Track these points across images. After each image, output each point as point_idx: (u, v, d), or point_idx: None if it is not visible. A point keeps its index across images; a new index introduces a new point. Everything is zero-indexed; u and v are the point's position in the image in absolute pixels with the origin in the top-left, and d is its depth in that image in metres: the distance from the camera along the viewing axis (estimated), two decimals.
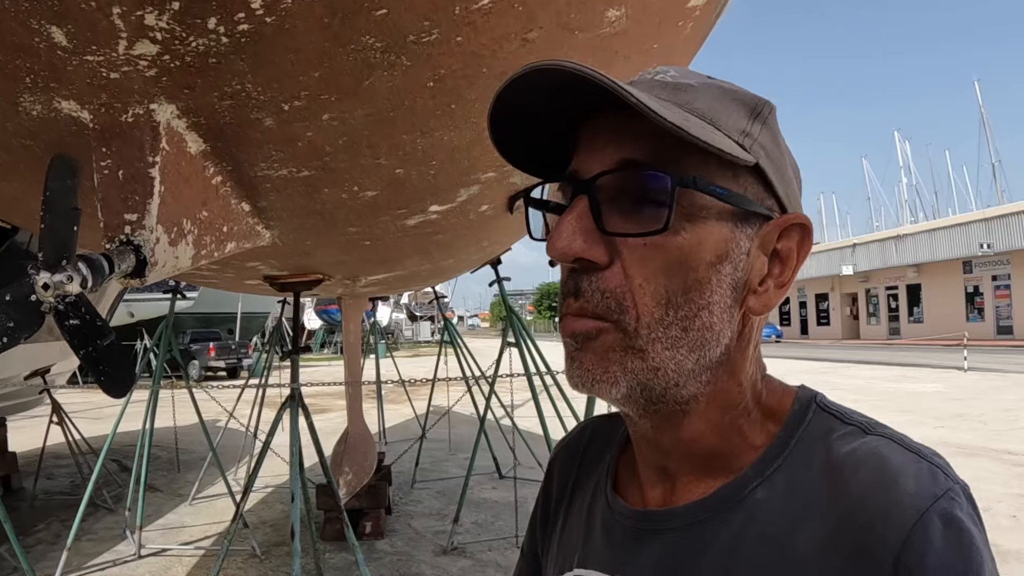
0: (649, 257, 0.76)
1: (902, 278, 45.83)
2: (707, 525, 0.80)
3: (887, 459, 0.73)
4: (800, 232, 0.82)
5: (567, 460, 1.09)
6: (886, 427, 0.79)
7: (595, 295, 0.77)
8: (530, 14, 1.70)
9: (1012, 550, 6.49)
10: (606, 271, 0.77)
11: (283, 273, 4.63)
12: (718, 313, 0.78)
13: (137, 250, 1.79)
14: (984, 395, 16.98)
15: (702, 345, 0.78)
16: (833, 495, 0.73)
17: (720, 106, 0.79)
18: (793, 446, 0.79)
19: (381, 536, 7.66)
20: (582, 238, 0.76)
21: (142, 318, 25.40)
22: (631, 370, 0.77)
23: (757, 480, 0.79)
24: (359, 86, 1.85)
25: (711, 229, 0.77)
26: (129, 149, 1.83)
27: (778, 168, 0.82)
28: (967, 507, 0.70)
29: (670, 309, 0.76)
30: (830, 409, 0.83)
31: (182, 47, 1.61)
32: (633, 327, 0.76)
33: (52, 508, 9.18)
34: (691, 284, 0.76)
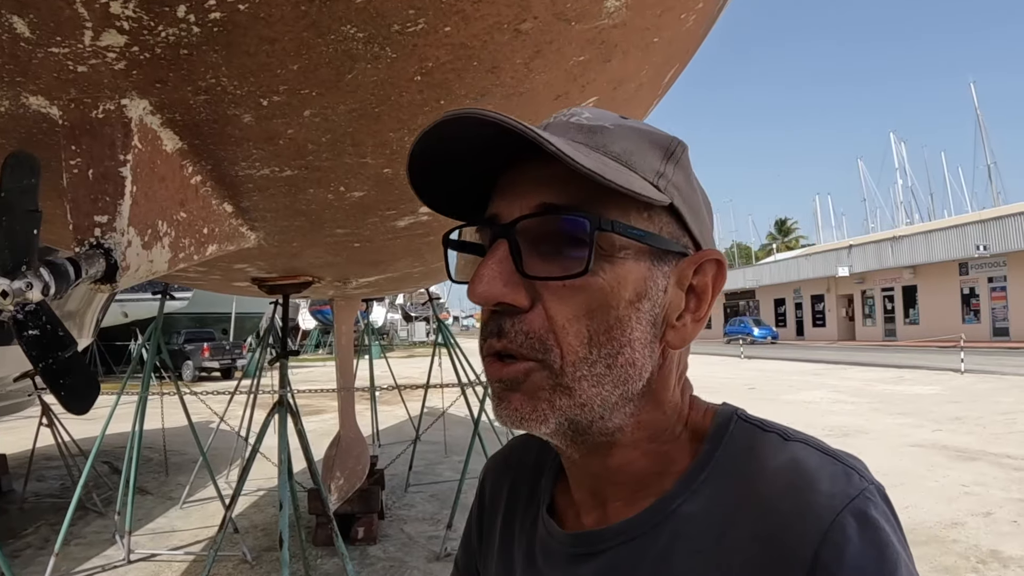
0: (570, 298, 0.78)
1: (898, 279, 45.90)
2: (638, 543, 0.83)
3: (804, 463, 0.76)
4: (714, 267, 0.86)
5: (498, 476, 1.11)
6: (805, 434, 0.82)
7: (518, 336, 0.79)
8: (524, 3, 1.61)
9: (1014, 556, 6.40)
10: (528, 313, 0.79)
11: (271, 275, 4.54)
12: (639, 349, 0.81)
13: (107, 254, 1.69)
14: (981, 397, 16.95)
15: (626, 380, 0.80)
16: (753, 501, 0.76)
17: (635, 148, 0.82)
18: (716, 459, 0.82)
19: (374, 541, 7.58)
20: (502, 282, 0.78)
21: (136, 318, 25.42)
22: (559, 407, 0.79)
23: (683, 495, 0.82)
24: (341, 79, 1.75)
25: (629, 268, 0.80)
26: (99, 147, 1.74)
27: (691, 207, 0.85)
28: (882, 506, 0.73)
29: (593, 347, 0.78)
30: (750, 420, 0.86)
31: (151, 37, 1.52)
32: (559, 365, 0.78)
33: (42, 511, 9.09)
34: (612, 323, 0.79)
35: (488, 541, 1.08)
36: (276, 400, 4.85)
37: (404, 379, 14.11)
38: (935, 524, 7.34)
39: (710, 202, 0.92)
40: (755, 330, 51.52)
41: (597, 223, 0.76)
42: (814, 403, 17.44)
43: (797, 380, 23.03)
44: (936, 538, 6.85)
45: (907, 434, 12.70)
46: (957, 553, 6.53)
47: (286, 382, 4.95)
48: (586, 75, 2.09)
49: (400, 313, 49.26)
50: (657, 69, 2.46)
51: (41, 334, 1.49)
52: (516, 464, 1.09)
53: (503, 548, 1.03)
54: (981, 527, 7.27)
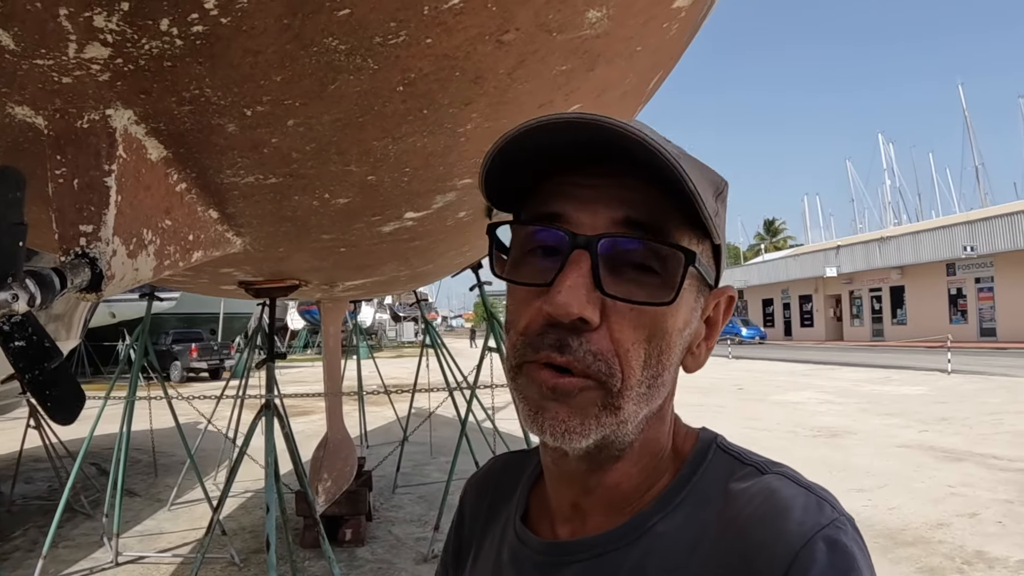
0: (638, 322, 0.78)
1: (886, 280, 46.10)
2: (612, 555, 0.84)
3: (778, 493, 0.77)
4: (728, 302, 0.90)
5: (478, 494, 1.13)
6: (783, 466, 0.84)
7: (586, 356, 0.77)
8: (505, 14, 1.62)
9: (1000, 556, 6.46)
10: (595, 332, 0.77)
11: (258, 279, 4.54)
12: (673, 372, 0.85)
13: (92, 263, 1.70)
14: (968, 398, 17.05)
15: (656, 399, 0.83)
16: (727, 525, 0.77)
17: (701, 184, 0.79)
18: (693, 483, 0.85)
19: (362, 543, 7.59)
20: (587, 296, 0.76)
21: (124, 318, 25.31)
22: (604, 424, 0.79)
23: (659, 515, 0.83)
24: (324, 90, 1.76)
25: (686, 299, 0.82)
26: (84, 157, 1.74)
27: (722, 244, 0.87)
28: (852, 534, 0.74)
29: (647, 370, 0.80)
30: (730, 451, 0.88)
31: (135, 50, 1.53)
32: (618, 388, 0.78)
33: (30, 513, 9.08)
34: (664, 348, 0.81)
35: (467, 552, 1.08)
36: (263, 404, 4.85)
37: (392, 379, 14.12)
38: (921, 525, 7.38)
39: None
40: (743, 330, 51.64)
41: (693, 258, 0.78)
42: (802, 404, 17.51)
43: (785, 380, 23.11)
44: (922, 539, 6.90)
45: (894, 435, 12.77)
46: (943, 554, 6.57)
47: (273, 386, 4.95)
48: (570, 84, 2.10)
49: (388, 313, 49.23)
50: (641, 76, 2.48)
51: (27, 345, 1.49)
52: (495, 482, 1.10)
53: (481, 557, 1.04)
54: (967, 528, 7.32)
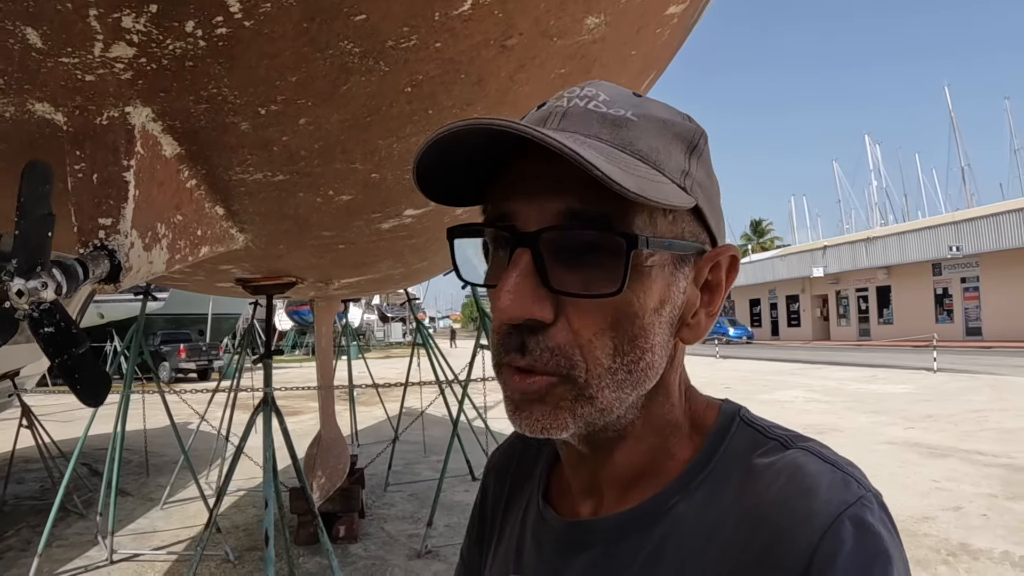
0: (596, 312, 0.76)
1: (872, 280, 46.21)
2: (632, 536, 0.82)
3: (803, 469, 0.74)
4: (729, 262, 0.84)
5: (500, 471, 1.11)
6: (807, 440, 0.81)
7: (544, 354, 0.76)
8: (509, 21, 1.70)
9: (983, 549, 6.56)
10: (552, 328, 0.76)
11: (255, 276, 4.59)
12: (659, 352, 0.80)
13: (111, 255, 1.76)
14: (954, 396, 17.14)
15: (644, 382, 0.80)
16: (750, 504, 0.75)
17: (661, 144, 0.78)
18: (716, 461, 0.82)
19: (355, 540, 7.63)
20: (530, 298, 0.74)
21: (112, 319, 25.23)
22: (581, 415, 0.78)
23: (680, 494, 0.81)
24: (336, 91, 1.84)
25: (655, 278, 0.78)
26: (103, 153, 1.81)
27: (711, 202, 0.83)
28: (879, 513, 0.72)
29: (617, 357, 0.77)
30: (754, 424, 0.85)
31: (159, 50, 1.60)
32: (584, 379, 0.77)
33: (22, 513, 9.06)
34: (637, 332, 0.77)
35: (492, 531, 1.08)
36: (261, 399, 4.90)
37: (381, 380, 14.12)
38: (907, 518, 7.48)
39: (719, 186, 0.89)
40: (731, 330, 51.63)
41: (634, 242, 0.73)
42: (789, 402, 17.58)
43: (773, 380, 23.18)
44: (908, 532, 6.99)
45: (880, 432, 12.86)
46: (928, 547, 6.67)
47: (271, 381, 5.00)
48: (567, 86, 2.17)
49: (376, 314, 49.08)
50: (634, 79, 2.55)
51: (56, 331, 1.56)
52: (518, 458, 1.08)
53: (505, 535, 1.03)
54: (952, 521, 7.42)
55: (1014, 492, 8.38)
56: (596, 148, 0.73)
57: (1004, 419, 13.55)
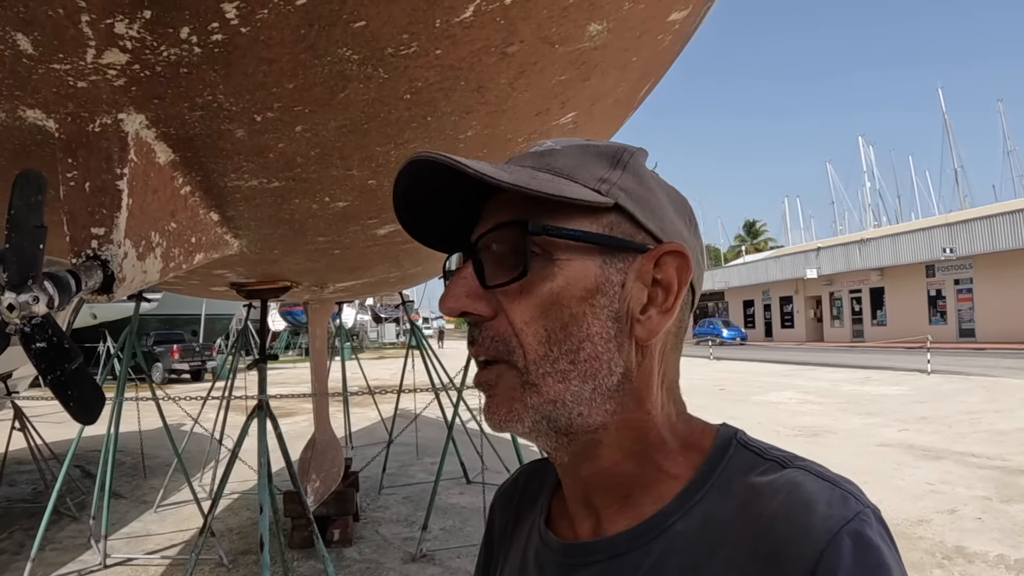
0: (524, 302, 0.84)
1: (866, 281, 46.37)
2: (630, 556, 0.84)
3: (801, 487, 0.77)
4: (675, 259, 0.88)
5: (505, 504, 1.14)
6: (804, 460, 0.83)
7: (486, 341, 0.86)
8: (511, 27, 1.67)
9: (979, 551, 6.57)
10: (494, 321, 0.86)
11: (250, 280, 4.57)
12: (601, 343, 0.84)
13: (104, 265, 1.73)
14: (947, 398, 17.20)
15: (594, 374, 0.84)
16: (748, 522, 0.77)
17: (579, 162, 0.89)
18: (714, 480, 0.84)
19: (349, 543, 7.61)
20: (466, 295, 0.87)
21: (105, 319, 25.15)
22: (531, 405, 0.84)
23: (678, 513, 0.83)
24: (334, 98, 1.81)
25: (577, 267, 0.84)
26: (96, 160, 1.77)
27: (644, 204, 0.88)
28: (877, 527, 0.74)
29: (553, 345, 0.84)
30: (750, 446, 0.87)
31: (153, 56, 1.56)
32: (523, 364, 0.84)
33: (14, 516, 9.02)
34: (567, 320, 0.84)
35: (497, 559, 1.10)
36: (256, 404, 4.88)
37: (375, 380, 14.13)
38: (902, 521, 7.48)
39: (684, 200, 0.96)
40: (724, 331, 51.86)
41: (528, 228, 0.83)
42: (783, 404, 17.62)
43: (766, 381, 23.22)
44: (903, 535, 6.99)
45: (874, 434, 12.88)
46: (923, 550, 6.67)
47: (265, 387, 4.97)
48: (566, 93, 2.15)
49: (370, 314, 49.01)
50: (633, 85, 2.53)
51: (48, 346, 1.53)
52: (523, 490, 1.12)
53: (510, 562, 1.05)
54: (947, 524, 7.42)
55: (1008, 495, 8.40)
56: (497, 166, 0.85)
57: (998, 421, 13.60)
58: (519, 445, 7.03)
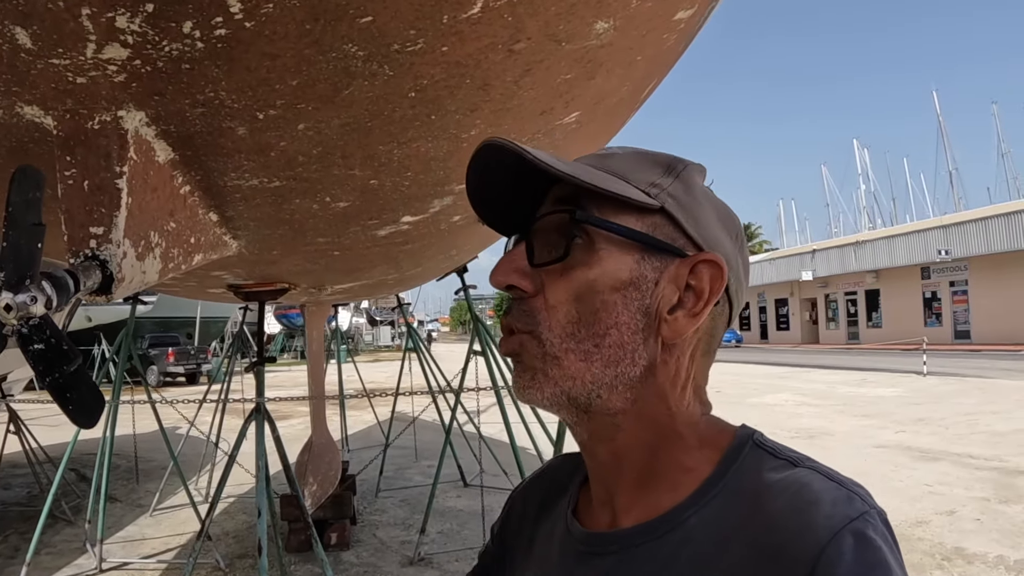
0: (563, 283, 0.89)
1: (861, 283, 46.46)
2: (644, 548, 0.87)
3: (808, 486, 0.78)
4: (710, 268, 0.90)
5: (528, 495, 1.17)
6: (816, 462, 0.85)
7: (519, 314, 0.91)
8: (519, 24, 1.64)
9: (978, 552, 6.57)
10: (532, 298, 0.91)
11: (248, 282, 4.53)
12: (628, 333, 0.88)
13: (103, 265, 1.69)
14: (944, 399, 17.21)
15: (617, 361, 0.88)
16: (758, 518, 0.79)
17: (634, 166, 0.93)
18: (728, 477, 0.86)
19: (346, 547, 7.58)
20: (514, 270, 0.92)
21: (100, 323, 25.10)
22: (552, 377, 0.89)
23: (692, 509, 0.86)
24: (338, 95, 1.78)
25: (615, 259, 0.88)
26: (95, 158, 1.74)
27: (689, 212, 0.92)
28: (882, 529, 0.75)
29: (581, 326, 0.88)
30: (765, 446, 0.89)
31: (154, 52, 1.53)
32: (546, 336, 0.89)
33: (9, 520, 8.97)
34: (599, 306, 0.88)
35: (509, 557, 1.13)
36: (253, 407, 4.84)
37: (371, 383, 14.09)
38: (901, 523, 7.47)
39: (733, 217, 0.99)
40: None
41: (575, 215, 0.87)
42: (779, 406, 17.62)
43: (762, 383, 23.22)
44: (902, 536, 6.91)
45: (871, 435, 12.88)
46: (922, 551, 6.66)
47: (263, 389, 4.94)
48: (571, 91, 2.13)
49: (365, 317, 48.97)
50: (637, 84, 2.51)
51: (46, 348, 1.49)
52: (550, 480, 1.14)
53: (535, 551, 1.07)
54: (945, 525, 7.42)
55: (1006, 495, 8.39)
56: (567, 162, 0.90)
57: (994, 422, 13.61)
58: (517, 449, 6.98)
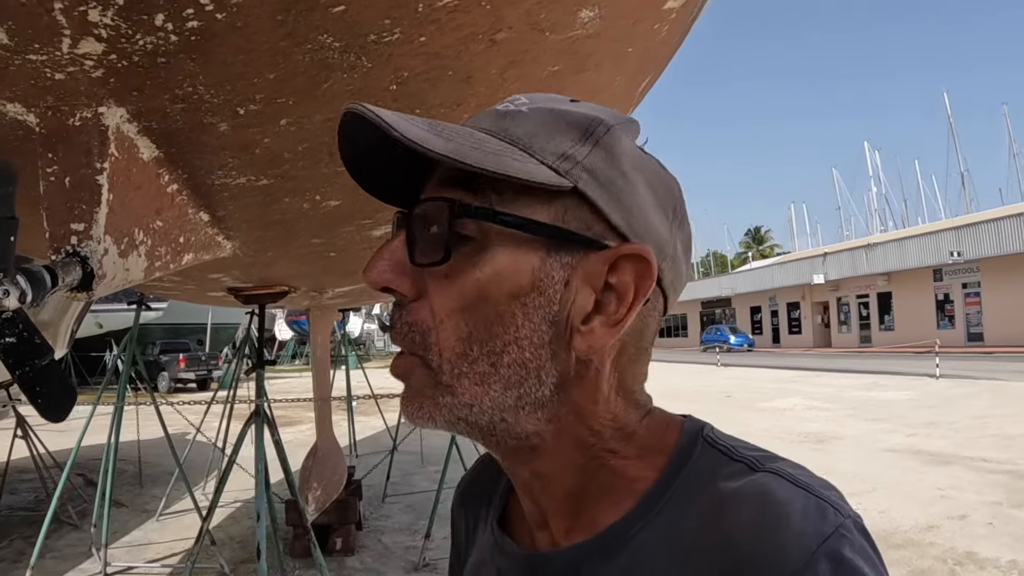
0: (449, 290, 0.73)
1: (872, 286, 46.30)
2: (588, 570, 0.76)
3: (772, 496, 0.68)
4: (636, 264, 0.73)
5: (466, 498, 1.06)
6: (777, 461, 0.74)
7: (403, 328, 0.75)
8: (497, 12, 1.62)
9: (990, 557, 6.49)
10: (415, 304, 0.75)
11: (247, 285, 4.53)
12: (531, 349, 0.73)
13: (84, 262, 1.69)
14: (955, 402, 17.09)
15: (519, 383, 0.74)
16: (714, 538, 0.69)
17: (542, 130, 0.74)
18: (676, 486, 0.75)
19: (351, 552, 7.56)
20: (391, 268, 0.75)
21: (111, 329, 25.15)
22: (444, 405, 0.75)
23: (640, 523, 0.74)
24: (317, 89, 1.76)
25: (511, 258, 0.72)
26: (76, 155, 1.73)
27: (611, 191, 0.74)
28: (859, 541, 0.66)
29: (473, 344, 0.73)
30: (717, 444, 0.77)
31: (129, 45, 1.52)
32: (437, 364, 0.74)
33: (14, 524, 8.97)
34: (492, 318, 0.72)
35: (465, 559, 1.01)
36: (252, 410, 4.84)
37: (381, 389, 14.03)
38: (911, 528, 7.40)
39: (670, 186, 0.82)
40: (731, 338, 51.87)
41: (454, 207, 0.71)
42: (789, 410, 17.54)
43: (773, 388, 23.12)
44: (912, 542, 6.92)
45: (882, 439, 12.80)
46: (934, 556, 6.59)
47: (262, 392, 4.93)
48: (559, 85, 2.10)
49: (377, 323, 48.99)
50: (631, 79, 2.48)
51: (18, 342, 1.49)
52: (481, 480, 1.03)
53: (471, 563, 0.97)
54: (957, 530, 7.35)
55: (1019, 499, 8.31)
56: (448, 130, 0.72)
57: (1006, 425, 13.49)
58: None
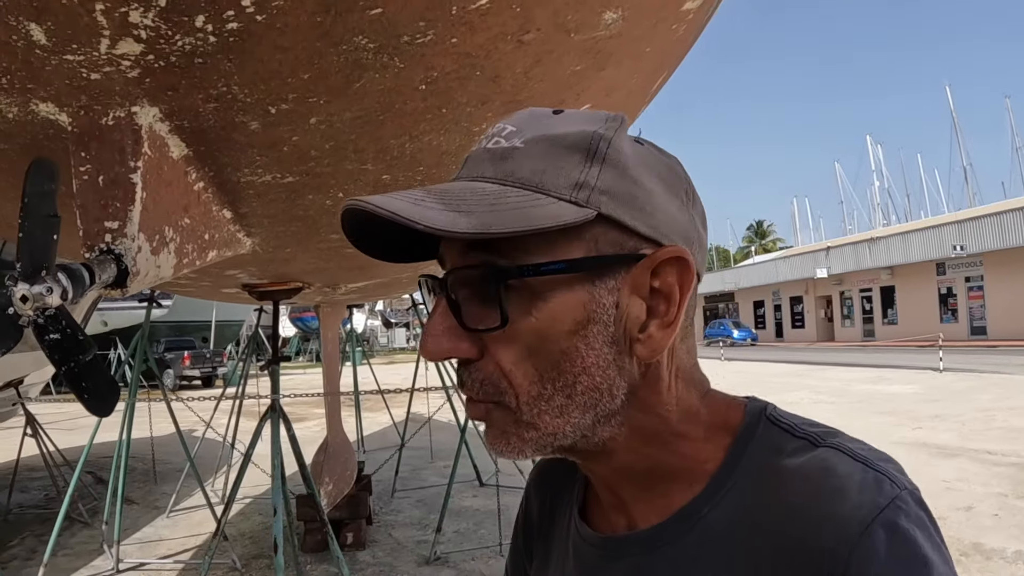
0: (510, 344, 0.75)
1: (876, 280, 46.22)
2: (663, 550, 0.81)
3: (832, 471, 0.72)
4: (675, 265, 0.77)
5: (541, 485, 1.09)
6: (838, 436, 0.78)
7: (475, 385, 0.78)
8: (528, 14, 1.65)
9: (996, 548, 6.51)
10: (480, 362, 0.78)
11: (262, 281, 4.55)
12: (599, 374, 0.76)
13: (118, 259, 1.71)
14: (960, 395, 17.09)
15: (594, 404, 0.77)
16: (778, 513, 0.72)
17: (546, 164, 0.75)
18: (742, 465, 0.79)
19: (362, 547, 7.59)
20: (446, 338, 0.77)
21: (116, 327, 25.19)
22: (529, 439, 0.78)
23: (709, 503, 0.79)
24: (349, 88, 1.79)
25: (561, 300, 0.75)
26: (109, 153, 1.76)
27: (631, 203, 0.76)
28: (915, 512, 0.69)
29: (546, 383, 0.76)
30: (780, 422, 0.81)
31: (167, 46, 1.55)
32: (515, 405, 0.77)
33: (26, 522, 9.00)
34: (558, 356, 0.76)
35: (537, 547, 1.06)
36: (269, 405, 4.86)
37: (386, 385, 14.07)
38: None
39: (676, 171, 0.83)
40: (735, 332, 51.76)
41: (503, 275, 0.73)
42: (795, 404, 17.52)
43: (778, 381, 23.10)
44: None
45: (888, 433, 12.79)
46: None
47: (278, 387, 4.96)
48: (581, 83, 2.14)
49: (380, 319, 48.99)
50: (647, 77, 2.51)
51: (61, 338, 1.52)
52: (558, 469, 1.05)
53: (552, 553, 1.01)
54: (963, 521, 7.37)
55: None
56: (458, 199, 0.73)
57: (1011, 418, 13.50)
58: None
